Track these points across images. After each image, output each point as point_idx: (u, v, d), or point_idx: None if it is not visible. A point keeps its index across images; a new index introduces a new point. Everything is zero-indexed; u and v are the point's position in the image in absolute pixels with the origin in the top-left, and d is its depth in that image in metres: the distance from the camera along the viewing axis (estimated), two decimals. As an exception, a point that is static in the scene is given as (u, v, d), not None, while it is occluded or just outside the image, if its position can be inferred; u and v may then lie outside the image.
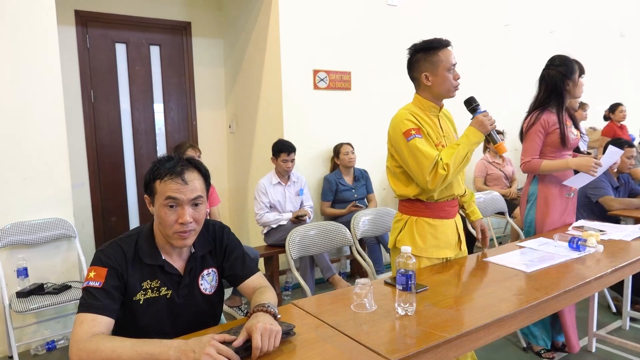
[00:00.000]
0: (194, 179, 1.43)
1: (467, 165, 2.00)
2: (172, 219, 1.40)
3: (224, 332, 1.29)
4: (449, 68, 1.96)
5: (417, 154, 1.91)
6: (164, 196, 1.39)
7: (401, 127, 1.96)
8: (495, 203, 3.52)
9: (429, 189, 1.94)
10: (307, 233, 2.62)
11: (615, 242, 2.34)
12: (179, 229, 1.41)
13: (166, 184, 1.39)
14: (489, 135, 1.98)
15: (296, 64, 3.95)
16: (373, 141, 4.32)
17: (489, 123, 1.95)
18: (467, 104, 2.02)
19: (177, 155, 1.47)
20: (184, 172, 1.41)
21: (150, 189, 1.43)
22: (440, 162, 1.90)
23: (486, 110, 1.98)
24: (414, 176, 1.97)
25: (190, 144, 3.47)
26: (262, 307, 1.36)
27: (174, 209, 1.40)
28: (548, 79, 2.59)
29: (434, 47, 1.97)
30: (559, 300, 1.73)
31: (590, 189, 3.35)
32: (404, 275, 1.51)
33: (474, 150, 1.97)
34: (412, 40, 2.06)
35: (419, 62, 2.00)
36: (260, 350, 1.22)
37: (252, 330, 1.24)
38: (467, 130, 1.97)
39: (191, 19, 4.66)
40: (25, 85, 2.90)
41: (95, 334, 1.27)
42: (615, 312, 3.35)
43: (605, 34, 6.62)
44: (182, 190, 1.39)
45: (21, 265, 2.90)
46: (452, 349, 1.40)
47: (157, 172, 1.41)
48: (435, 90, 1.99)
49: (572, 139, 2.59)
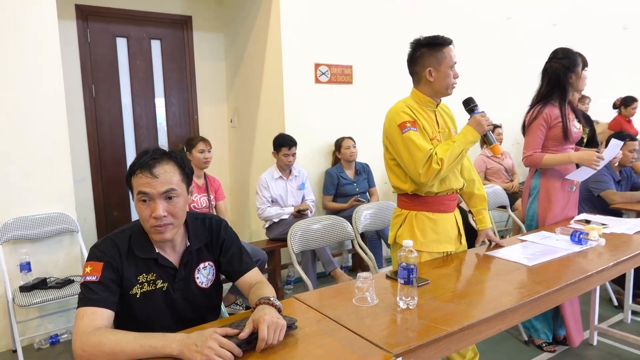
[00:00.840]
0: (166, 172, 1.40)
1: (461, 163, 2.00)
2: (146, 214, 1.40)
3: (226, 326, 1.30)
4: (452, 66, 1.97)
5: (410, 146, 1.92)
6: (136, 190, 1.40)
7: (396, 119, 1.96)
8: (497, 197, 3.52)
9: (421, 182, 1.94)
10: (309, 227, 2.62)
11: (617, 235, 2.34)
12: (153, 223, 1.40)
13: (138, 178, 1.39)
14: (485, 136, 2.00)
15: (297, 58, 3.94)
16: (374, 135, 4.27)
17: (486, 123, 1.96)
18: (465, 104, 2.04)
19: (152, 148, 1.45)
20: (154, 166, 1.39)
21: (129, 185, 1.44)
22: (434, 156, 1.90)
23: (484, 111, 2.00)
24: (407, 169, 1.97)
25: (201, 138, 3.47)
26: (267, 300, 1.36)
27: (147, 204, 1.40)
28: (551, 72, 2.58)
29: (439, 43, 1.97)
30: (560, 294, 1.74)
31: (592, 182, 3.34)
32: (405, 269, 1.51)
33: (469, 149, 1.97)
34: (413, 33, 2.05)
35: (424, 57, 1.99)
36: (265, 342, 1.23)
37: (259, 322, 1.25)
38: (464, 129, 1.98)
39: (192, 13, 4.65)
40: (26, 79, 2.90)
41: (97, 327, 1.28)
42: (617, 305, 3.36)
43: (608, 26, 6.58)
44: (152, 184, 1.37)
45: (24, 259, 2.92)
46: (454, 343, 1.40)
47: (131, 168, 1.42)
48: (436, 86, 1.99)
49: (575, 133, 2.58)
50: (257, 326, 1.25)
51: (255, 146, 4.49)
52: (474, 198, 2.25)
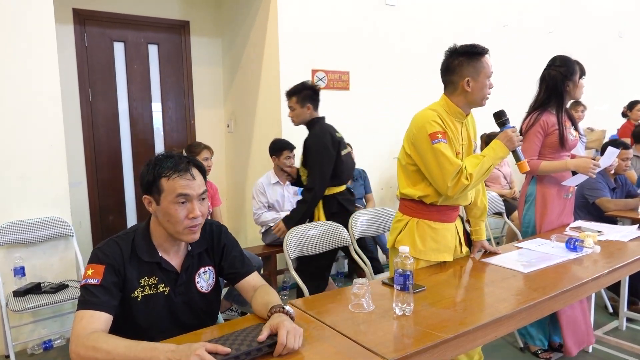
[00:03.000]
0: (197, 175, 1.46)
1: (487, 177, 1.98)
2: (182, 215, 1.42)
3: (221, 340, 1.28)
4: (489, 76, 1.95)
5: (441, 158, 1.88)
6: (175, 193, 1.41)
7: (427, 128, 1.91)
8: (493, 203, 3.52)
9: (448, 195, 1.91)
10: (305, 233, 2.61)
11: (612, 242, 2.35)
12: (189, 223, 1.43)
13: (175, 181, 1.41)
14: (514, 152, 1.97)
15: (294, 64, 3.95)
16: (371, 141, 4.32)
17: (517, 139, 1.94)
18: (496, 117, 2.01)
19: (175, 153, 1.48)
20: (190, 169, 1.44)
21: (156, 188, 1.43)
22: (464, 171, 1.88)
23: (514, 126, 1.97)
24: (434, 180, 1.94)
25: (205, 145, 3.47)
26: (281, 309, 1.37)
27: (184, 205, 1.42)
28: (549, 79, 2.59)
29: (478, 52, 1.93)
30: (556, 301, 1.74)
31: (588, 190, 3.36)
32: (401, 275, 1.51)
33: (497, 164, 1.95)
34: (410, 41, 2.06)
35: (462, 66, 1.94)
36: (285, 347, 1.25)
37: (280, 327, 1.28)
38: (494, 143, 1.95)
39: (189, 18, 4.66)
40: (23, 83, 2.89)
41: (94, 331, 1.28)
42: (612, 312, 3.36)
43: (604, 34, 6.63)
44: (192, 185, 1.42)
45: (18, 264, 2.90)
46: (450, 349, 1.40)
47: (161, 171, 1.42)
48: (472, 96, 1.95)
49: (571, 140, 2.60)
50: (276, 331, 1.27)
51: (251, 151, 4.49)
52: (476, 209, 2.23)
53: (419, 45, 4.61)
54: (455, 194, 1.91)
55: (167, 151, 1.51)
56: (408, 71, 4.52)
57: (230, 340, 1.27)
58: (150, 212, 1.48)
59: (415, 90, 4.48)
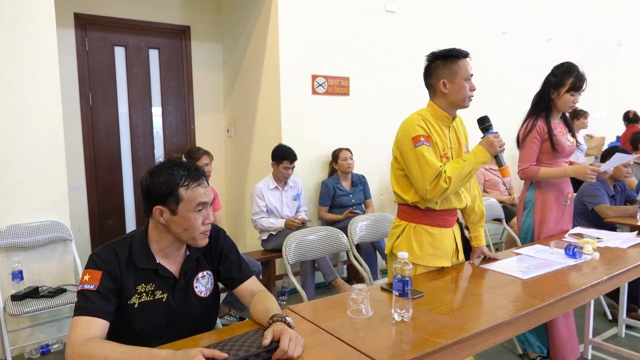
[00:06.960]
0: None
1: (469, 182, 1.99)
2: (199, 222, 1.46)
3: (219, 345, 1.28)
4: (467, 78, 1.97)
5: (422, 161, 1.91)
6: (195, 202, 1.43)
7: (411, 132, 1.95)
8: (492, 209, 3.53)
9: (427, 198, 1.94)
10: (304, 238, 2.61)
11: (611, 249, 2.35)
12: (205, 229, 1.48)
13: (195, 190, 1.44)
14: (496, 157, 1.98)
15: (295, 69, 3.96)
16: (371, 147, 4.33)
17: (498, 145, 1.95)
18: (479, 123, 2.02)
19: (185, 161, 1.50)
20: (203, 177, 1.48)
21: (174, 198, 1.42)
22: (443, 174, 1.90)
23: (497, 132, 1.98)
24: (415, 182, 1.97)
25: (204, 151, 3.47)
26: (281, 319, 1.37)
27: (201, 212, 1.46)
28: (542, 85, 2.62)
29: (454, 55, 1.97)
30: (555, 308, 1.74)
31: (586, 196, 3.36)
32: (400, 281, 1.51)
33: (478, 169, 1.96)
34: (409, 47, 2.07)
35: (438, 69, 1.99)
36: (285, 353, 1.25)
37: (282, 333, 1.29)
38: (476, 148, 1.97)
39: (190, 23, 4.68)
40: (24, 87, 2.90)
41: (90, 338, 1.28)
42: (611, 319, 3.35)
43: (603, 42, 6.66)
44: (207, 193, 1.47)
45: (16, 268, 2.89)
46: (448, 356, 1.39)
47: (177, 180, 1.42)
48: (451, 98, 1.98)
49: (568, 147, 2.60)
50: (278, 337, 1.28)
51: (251, 156, 4.49)
52: (474, 214, 2.24)
53: (419, 52, 4.59)
54: (435, 197, 1.93)
55: (170, 158, 1.53)
56: (408, 77, 4.53)
57: (228, 346, 1.27)
58: (161, 222, 1.44)
59: (415, 96, 4.47)
